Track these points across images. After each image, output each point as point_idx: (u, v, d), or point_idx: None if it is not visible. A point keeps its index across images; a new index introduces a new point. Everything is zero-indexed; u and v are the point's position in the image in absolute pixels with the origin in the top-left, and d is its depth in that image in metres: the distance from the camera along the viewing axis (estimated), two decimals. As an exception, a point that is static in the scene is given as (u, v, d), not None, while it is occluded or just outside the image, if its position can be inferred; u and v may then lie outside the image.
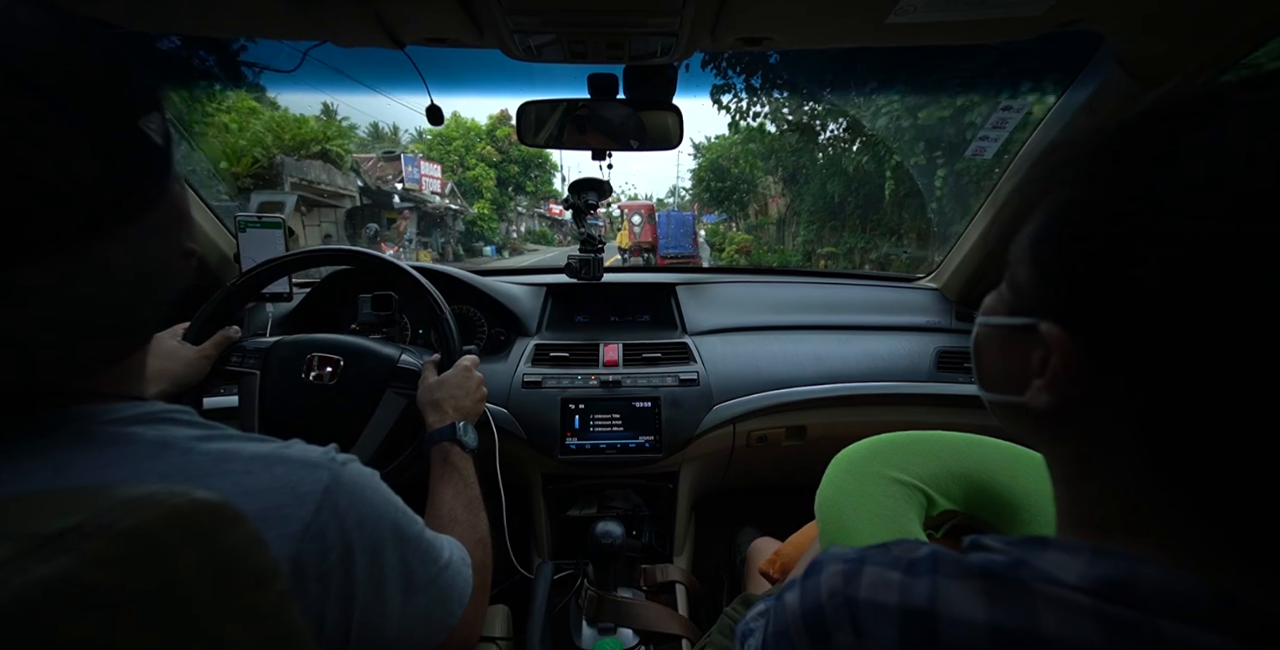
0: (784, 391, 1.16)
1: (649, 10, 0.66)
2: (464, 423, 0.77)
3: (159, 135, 0.33)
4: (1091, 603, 0.24)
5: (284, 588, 0.30)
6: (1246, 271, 0.21)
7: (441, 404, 0.78)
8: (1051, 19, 0.71)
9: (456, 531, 0.63)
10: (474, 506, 0.69)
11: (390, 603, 0.41)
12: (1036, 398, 0.30)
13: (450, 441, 0.74)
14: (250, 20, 0.75)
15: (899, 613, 0.28)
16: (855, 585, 0.30)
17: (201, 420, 0.38)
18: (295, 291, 1.20)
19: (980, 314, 0.36)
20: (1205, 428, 0.24)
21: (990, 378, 0.36)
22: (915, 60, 5.08)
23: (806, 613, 0.32)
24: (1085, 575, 0.25)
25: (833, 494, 0.61)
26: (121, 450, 0.33)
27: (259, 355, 0.85)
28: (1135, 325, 0.25)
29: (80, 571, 0.22)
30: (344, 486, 0.38)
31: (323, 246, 0.99)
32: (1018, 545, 0.29)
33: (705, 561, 1.30)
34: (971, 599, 0.26)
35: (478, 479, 0.74)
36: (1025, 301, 0.31)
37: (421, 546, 0.45)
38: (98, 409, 0.34)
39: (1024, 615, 0.25)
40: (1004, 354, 0.34)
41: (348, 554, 0.37)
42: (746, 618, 0.43)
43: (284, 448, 0.38)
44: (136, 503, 0.25)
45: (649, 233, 11.15)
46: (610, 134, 1.02)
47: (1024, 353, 0.31)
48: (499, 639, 0.94)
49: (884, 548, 0.33)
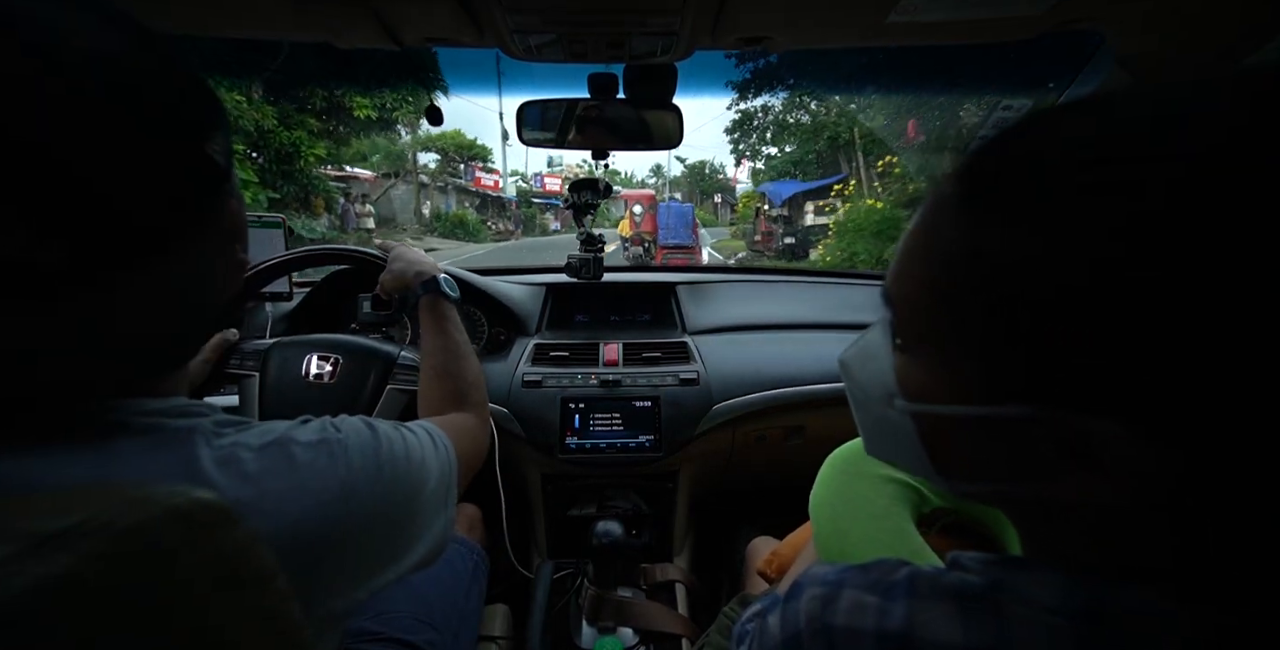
0: (784, 391, 1.16)
1: (649, 10, 0.66)
2: (443, 275, 0.79)
3: (221, 155, 0.35)
4: (1069, 625, 0.24)
5: (283, 586, 0.30)
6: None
7: (409, 270, 0.81)
8: (1051, 19, 0.71)
9: (450, 381, 0.69)
10: (462, 351, 0.73)
11: (412, 520, 0.45)
12: (1076, 492, 0.24)
13: (433, 294, 0.77)
14: (249, 20, 0.75)
15: (874, 638, 0.27)
16: (832, 611, 0.30)
17: (219, 412, 0.39)
18: (295, 291, 1.20)
19: (905, 397, 0.29)
20: (1246, 489, 0.21)
21: (963, 470, 0.29)
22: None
23: (786, 639, 0.32)
24: (1065, 600, 0.24)
25: (826, 494, 0.61)
26: (155, 438, 0.34)
27: (257, 357, 0.85)
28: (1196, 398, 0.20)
29: (80, 571, 0.22)
30: (354, 453, 0.40)
31: (321, 246, 0.99)
32: (995, 565, 0.28)
33: (705, 561, 1.30)
34: (948, 622, 0.26)
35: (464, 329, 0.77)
36: (1013, 385, 0.24)
37: (423, 457, 0.48)
38: (133, 402, 0.35)
39: (999, 637, 0.24)
40: (980, 445, 0.27)
41: (383, 499, 0.41)
42: (741, 618, 0.43)
43: (286, 431, 0.39)
44: (136, 502, 0.25)
45: (649, 222, 10.85)
46: (611, 134, 1.02)
47: (1020, 442, 0.25)
48: (499, 638, 0.94)
49: (864, 569, 0.32)
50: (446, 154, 20.46)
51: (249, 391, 0.84)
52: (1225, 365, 0.19)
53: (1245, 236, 0.19)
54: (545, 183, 31.20)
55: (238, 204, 0.39)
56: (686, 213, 10.86)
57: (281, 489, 0.35)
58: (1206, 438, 0.20)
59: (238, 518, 0.29)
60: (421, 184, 19.18)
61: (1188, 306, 0.19)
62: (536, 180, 32.13)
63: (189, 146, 0.32)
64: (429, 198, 19.68)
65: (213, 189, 0.35)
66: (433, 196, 19.87)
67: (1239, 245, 0.19)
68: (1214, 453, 0.21)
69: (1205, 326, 0.19)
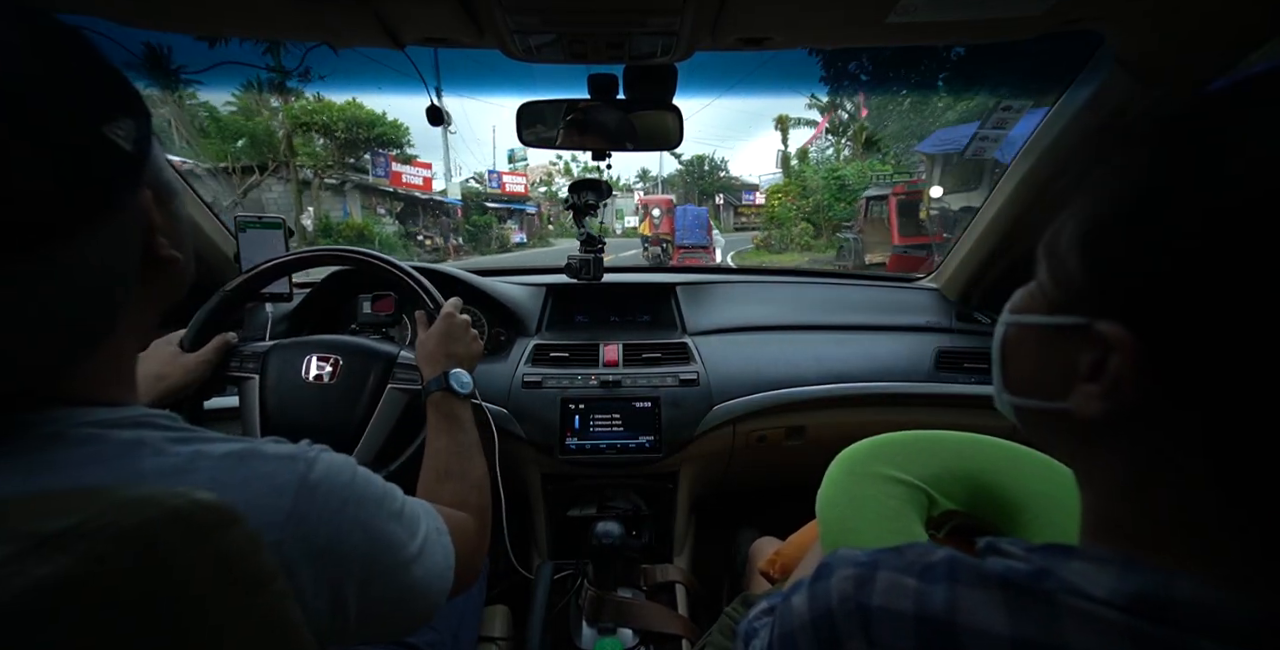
0: (784, 392, 1.16)
1: (649, 10, 0.66)
2: (456, 369, 0.76)
3: (127, 141, 0.33)
4: (1123, 619, 0.23)
5: (283, 588, 0.30)
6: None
7: (434, 356, 0.78)
8: (1051, 19, 0.71)
9: (451, 483, 0.64)
10: (468, 453, 0.69)
11: (384, 577, 0.41)
12: (1087, 405, 0.27)
13: (442, 391, 0.73)
14: (250, 20, 0.75)
15: (915, 621, 0.27)
16: (868, 591, 0.29)
17: (181, 424, 0.38)
18: (295, 292, 1.20)
19: (1009, 311, 0.34)
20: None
21: (1020, 381, 0.33)
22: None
23: (816, 618, 0.31)
24: (1116, 590, 0.24)
25: (834, 494, 0.61)
26: (96, 449, 0.33)
27: (256, 359, 0.85)
28: (1215, 326, 0.22)
29: (79, 572, 0.22)
30: (320, 474, 0.38)
31: (321, 247, 0.99)
32: (1040, 553, 0.27)
33: (705, 561, 1.30)
34: (993, 610, 0.25)
35: (476, 427, 0.74)
36: (1074, 298, 0.28)
37: (404, 521, 0.45)
38: (73, 411, 0.34)
39: (1049, 630, 0.24)
40: (1042, 356, 0.31)
41: (336, 535, 0.38)
42: (749, 617, 0.43)
43: (258, 445, 0.38)
44: (136, 503, 0.25)
45: (666, 224, 11.82)
46: (611, 134, 1.02)
47: (1069, 354, 0.28)
48: (499, 639, 0.94)
49: (897, 551, 0.31)
50: (335, 135, 13.40)
51: (249, 394, 0.84)
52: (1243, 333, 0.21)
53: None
54: (505, 183, 23.87)
55: (152, 196, 0.37)
56: (701, 215, 11.66)
57: (233, 500, 0.32)
58: (1227, 375, 0.22)
59: (238, 519, 0.28)
60: (304, 181, 13.17)
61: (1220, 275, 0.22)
62: (492, 179, 23.78)
63: (72, 131, 0.30)
64: (313, 200, 13.48)
65: (105, 176, 0.32)
66: (319, 198, 13.65)
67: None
68: (1244, 400, 0.22)
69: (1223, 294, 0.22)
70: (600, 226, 1.31)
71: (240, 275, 0.89)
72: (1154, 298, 0.24)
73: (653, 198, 14.91)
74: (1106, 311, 0.26)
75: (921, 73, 9.44)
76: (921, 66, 9.16)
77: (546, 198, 28.43)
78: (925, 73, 9.31)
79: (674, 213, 11.89)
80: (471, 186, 22.77)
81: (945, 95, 7.38)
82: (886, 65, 10.67)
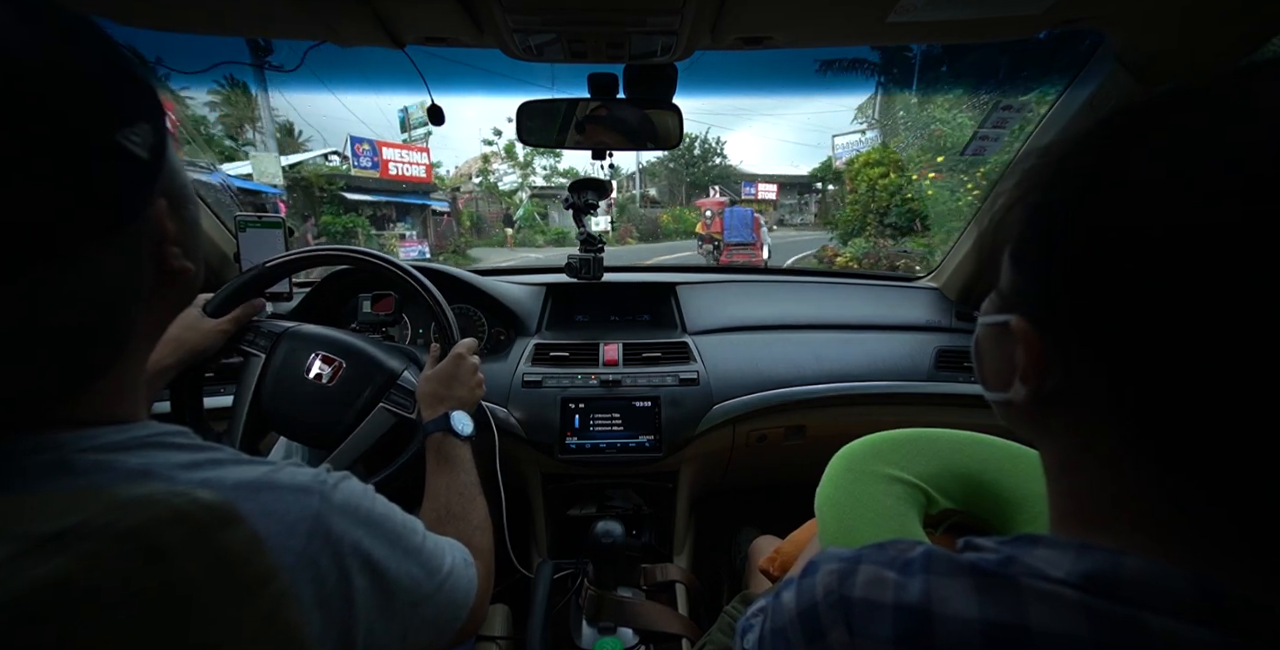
0: (784, 391, 1.16)
1: (649, 9, 0.66)
2: (458, 411, 0.76)
3: (143, 149, 0.30)
4: (1077, 596, 0.24)
5: (283, 588, 0.30)
6: (1220, 258, 0.22)
7: (436, 395, 0.78)
8: (1051, 18, 0.71)
9: (452, 525, 0.63)
10: (469, 494, 0.68)
11: (396, 617, 0.41)
12: (1016, 392, 0.31)
13: (443, 432, 0.74)
14: (250, 19, 0.75)
15: (893, 610, 0.28)
16: (850, 584, 0.31)
17: (193, 443, 0.36)
18: (295, 292, 1.20)
19: (980, 312, 0.37)
20: (1196, 417, 0.24)
21: (987, 377, 0.37)
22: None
23: (803, 611, 0.33)
24: (1071, 570, 0.25)
25: (833, 492, 0.61)
26: (98, 479, 0.31)
27: (269, 339, 0.86)
28: (1107, 316, 0.25)
29: (79, 572, 0.22)
30: (335, 510, 0.37)
31: (322, 247, 0.99)
32: (1009, 543, 0.29)
33: (705, 561, 1.30)
34: (964, 597, 0.27)
35: (476, 468, 0.73)
36: (1005, 298, 0.32)
37: (424, 558, 0.45)
38: (78, 435, 0.32)
39: (1014, 611, 0.25)
40: (995, 352, 0.35)
41: (345, 578, 0.36)
42: (746, 614, 0.43)
43: (273, 473, 0.36)
44: (136, 503, 0.25)
45: (717, 224, 13.24)
46: (610, 134, 1.02)
47: (1008, 350, 0.32)
48: (499, 638, 0.94)
49: (880, 547, 0.33)
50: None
51: (251, 371, 0.84)
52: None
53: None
54: (387, 160, 14.85)
55: (168, 205, 0.34)
56: (748, 215, 12.81)
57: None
58: (1133, 357, 0.25)
59: (238, 519, 0.28)
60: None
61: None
62: (362, 155, 14.54)
63: (86, 141, 0.28)
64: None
65: (118, 187, 0.30)
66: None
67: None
68: (1153, 379, 0.24)
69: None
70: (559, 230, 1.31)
71: (283, 254, 0.89)
72: (1047, 294, 0.28)
73: (708, 201, 16.98)
74: (1017, 309, 0.30)
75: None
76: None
77: (483, 191, 20.82)
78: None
79: (723, 214, 13.16)
80: (325, 165, 14.91)
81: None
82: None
